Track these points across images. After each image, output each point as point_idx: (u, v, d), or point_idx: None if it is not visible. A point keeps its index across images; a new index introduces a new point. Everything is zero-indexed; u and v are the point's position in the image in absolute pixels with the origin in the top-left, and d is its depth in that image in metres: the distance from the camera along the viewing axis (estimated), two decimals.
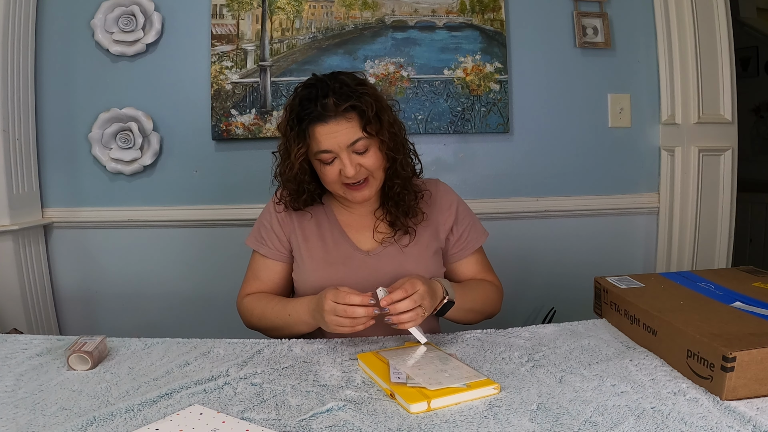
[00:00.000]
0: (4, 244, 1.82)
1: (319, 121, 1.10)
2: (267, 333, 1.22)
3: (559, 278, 2.10)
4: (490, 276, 1.31)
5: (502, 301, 1.30)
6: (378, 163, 1.15)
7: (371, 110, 1.11)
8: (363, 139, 1.12)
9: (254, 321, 1.22)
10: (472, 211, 1.33)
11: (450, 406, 0.83)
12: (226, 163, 2.01)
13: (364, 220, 1.26)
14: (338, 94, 1.10)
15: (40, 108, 1.97)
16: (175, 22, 1.97)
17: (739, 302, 1.02)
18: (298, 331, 1.16)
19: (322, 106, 1.09)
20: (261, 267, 1.27)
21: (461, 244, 1.28)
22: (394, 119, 1.18)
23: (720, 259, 2.03)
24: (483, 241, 1.31)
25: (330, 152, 1.12)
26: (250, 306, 1.23)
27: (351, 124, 1.11)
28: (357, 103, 1.10)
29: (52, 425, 0.78)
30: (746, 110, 3.49)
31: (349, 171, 1.11)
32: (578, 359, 0.99)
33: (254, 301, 1.23)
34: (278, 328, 1.18)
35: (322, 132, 1.11)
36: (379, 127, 1.13)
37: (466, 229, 1.29)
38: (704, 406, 0.80)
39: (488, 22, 2.03)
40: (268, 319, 1.19)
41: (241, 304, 1.26)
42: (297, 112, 1.13)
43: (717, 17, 1.96)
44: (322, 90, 1.11)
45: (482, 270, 1.31)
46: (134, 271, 2.04)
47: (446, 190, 1.32)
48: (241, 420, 0.79)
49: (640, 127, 2.12)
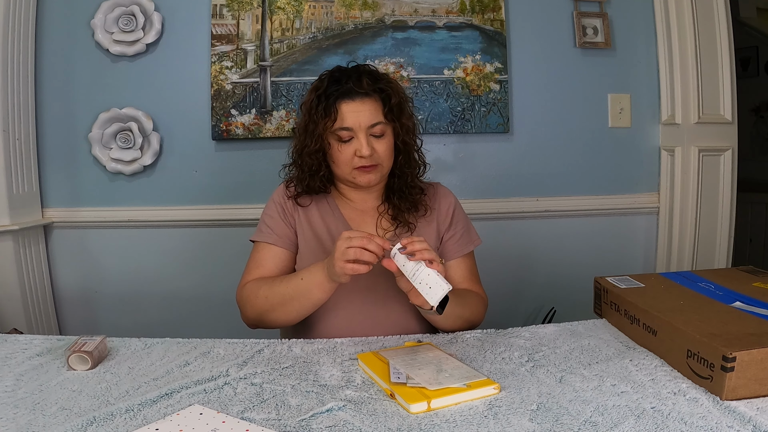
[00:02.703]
0: (4, 244, 1.82)
1: (346, 97, 1.17)
2: (272, 315, 1.16)
3: (559, 278, 2.10)
4: (476, 286, 1.30)
5: (485, 313, 1.29)
6: (389, 152, 1.21)
7: (396, 98, 1.20)
8: (382, 123, 1.19)
9: (259, 302, 1.16)
10: (467, 217, 1.36)
11: (450, 406, 0.83)
12: (226, 163, 2.01)
13: (367, 216, 1.28)
14: (370, 76, 1.20)
15: (40, 108, 1.97)
16: (175, 22, 1.97)
17: (739, 302, 1.02)
18: (312, 298, 1.11)
19: (355, 83, 1.17)
20: (265, 256, 1.24)
21: (452, 245, 1.29)
22: (411, 114, 1.26)
23: (720, 259, 2.03)
24: (474, 246, 1.32)
25: (350, 130, 1.17)
26: (254, 287, 1.18)
27: (375, 106, 1.18)
28: (385, 87, 1.20)
29: (52, 425, 0.78)
30: (746, 110, 3.49)
31: (365, 150, 1.16)
32: (578, 359, 0.99)
33: (259, 282, 1.19)
34: (288, 301, 1.13)
35: (347, 108, 1.17)
36: (399, 115, 1.20)
37: (458, 231, 1.30)
38: (704, 406, 0.80)
39: (488, 22, 2.03)
40: (276, 293, 1.14)
41: (242, 290, 1.21)
42: (325, 89, 1.19)
43: (717, 17, 1.96)
44: (354, 72, 1.20)
45: (470, 277, 1.30)
46: (134, 271, 2.04)
47: (447, 192, 1.35)
48: (241, 420, 0.79)
49: (640, 127, 2.12)
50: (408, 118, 1.23)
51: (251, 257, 1.27)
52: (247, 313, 1.20)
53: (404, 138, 1.22)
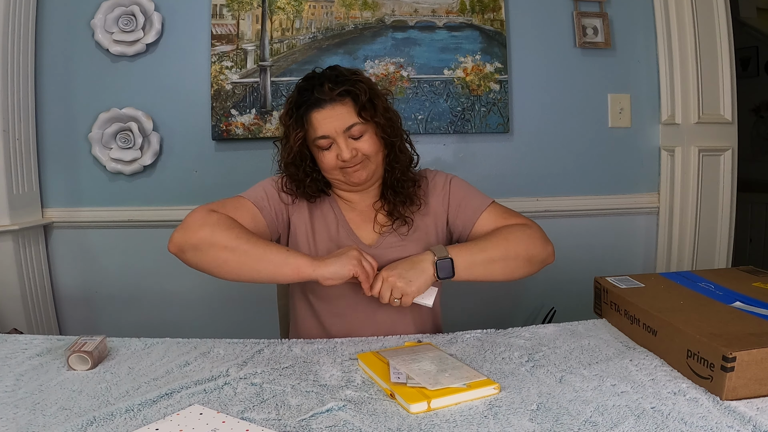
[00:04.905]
0: (4, 244, 1.82)
1: (315, 107, 1.16)
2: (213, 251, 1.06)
3: (559, 278, 2.10)
4: (513, 220, 1.23)
5: (540, 238, 1.19)
6: (374, 148, 1.19)
7: (365, 95, 1.16)
8: (358, 124, 1.16)
9: (218, 234, 1.05)
10: (469, 185, 1.31)
11: (450, 406, 0.82)
12: (226, 163, 2.01)
13: (364, 215, 1.28)
14: (333, 81, 1.16)
15: (40, 108, 1.97)
16: (175, 22, 1.97)
17: (739, 302, 1.02)
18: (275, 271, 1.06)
19: (318, 92, 1.15)
20: (244, 206, 1.17)
21: (464, 215, 1.26)
22: (388, 106, 1.23)
23: (720, 259, 2.03)
24: (487, 203, 1.26)
25: (327, 137, 1.16)
26: (225, 220, 1.09)
27: (346, 109, 1.16)
28: (351, 88, 1.16)
29: (52, 425, 0.78)
30: (746, 110, 3.49)
31: (346, 154, 1.15)
32: (578, 359, 0.99)
33: (232, 221, 1.10)
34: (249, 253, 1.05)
35: (318, 117, 1.15)
36: (373, 113, 1.18)
37: (463, 201, 1.27)
38: (704, 406, 0.80)
39: (488, 22, 2.03)
40: (249, 241, 1.06)
41: (206, 212, 1.10)
42: (295, 99, 1.19)
43: (717, 17, 1.96)
44: (319, 79, 1.18)
45: (501, 220, 1.24)
46: (134, 271, 2.04)
47: (439, 174, 1.33)
48: (241, 420, 0.79)
49: (640, 127, 2.12)
50: (386, 110, 1.20)
51: (232, 198, 1.19)
52: (190, 235, 1.07)
53: (385, 132, 1.19)
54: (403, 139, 1.25)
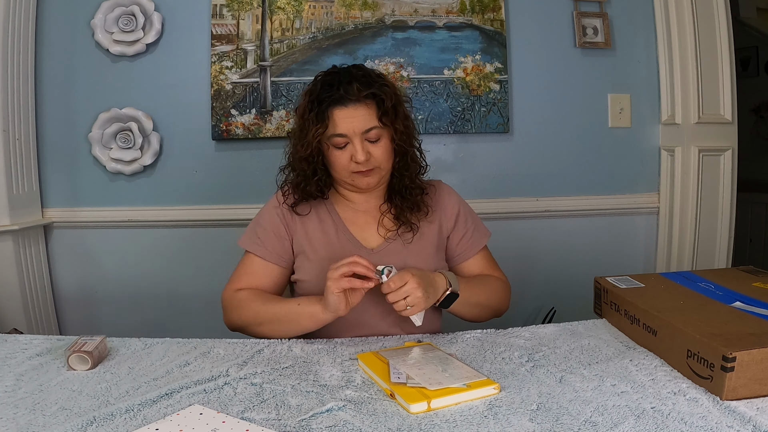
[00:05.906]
0: (4, 244, 1.82)
1: (339, 104, 1.15)
2: (258, 329, 1.16)
3: (559, 278, 2.10)
4: (496, 272, 1.31)
5: (509, 296, 1.30)
6: (387, 155, 1.19)
7: (390, 101, 1.17)
8: (377, 128, 1.16)
9: (248, 314, 1.16)
10: (474, 213, 1.35)
11: (450, 406, 0.83)
12: (226, 163, 2.01)
13: (368, 216, 1.27)
14: (361, 81, 1.16)
15: (40, 108, 1.97)
16: (175, 22, 1.97)
17: (739, 302, 1.02)
18: (302, 324, 1.12)
19: (345, 90, 1.14)
20: (256, 266, 1.23)
21: (463, 246, 1.29)
22: (407, 115, 1.23)
23: (720, 259, 2.03)
24: (485, 242, 1.33)
25: (344, 136, 1.16)
26: (247, 298, 1.18)
27: (369, 111, 1.16)
28: (378, 91, 1.16)
29: (52, 425, 0.78)
30: (746, 110, 3.49)
31: (360, 156, 1.15)
32: (578, 359, 0.99)
33: (252, 294, 1.19)
34: (277, 321, 1.13)
35: (340, 115, 1.15)
36: (394, 119, 1.18)
37: (468, 232, 1.30)
38: (704, 406, 0.80)
39: (488, 22, 2.03)
40: (269, 311, 1.14)
41: (233, 295, 1.20)
42: (318, 94, 1.17)
43: (717, 17, 1.96)
44: (345, 76, 1.17)
45: (487, 267, 1.31)
46: (134, 271, 2.04)
47: (449, 191, 1.34)
48: (241, 420, 0.79)
49: (640, 127, 2.12)
50: (405, 118, 1.21)
51: (242, 263, 1.25)
52: (233, 318, 1.19)
53: (401, 140, 1.20)
54: (415, 148, 1.25)
